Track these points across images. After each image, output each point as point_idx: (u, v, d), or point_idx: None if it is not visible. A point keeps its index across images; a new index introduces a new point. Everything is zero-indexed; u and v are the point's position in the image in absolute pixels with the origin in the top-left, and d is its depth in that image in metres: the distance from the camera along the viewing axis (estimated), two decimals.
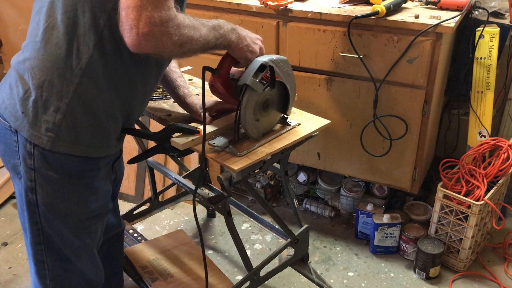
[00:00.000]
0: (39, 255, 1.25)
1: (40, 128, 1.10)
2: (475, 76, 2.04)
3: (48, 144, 1.11)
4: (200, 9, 2.09)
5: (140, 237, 2.04)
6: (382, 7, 1.75)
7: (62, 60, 1.08)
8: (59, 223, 1.22)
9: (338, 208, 2.38)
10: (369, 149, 1.99)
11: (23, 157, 1.14)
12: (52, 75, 1.09)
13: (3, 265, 2.15)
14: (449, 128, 2.40)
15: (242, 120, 1.31)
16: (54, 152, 1.12)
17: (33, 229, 1.22)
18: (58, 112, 1.10)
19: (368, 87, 1.91)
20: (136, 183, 2.55)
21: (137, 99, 1.25)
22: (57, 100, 1.09)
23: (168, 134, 1.36)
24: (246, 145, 1.37)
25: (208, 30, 1.14)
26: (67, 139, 1.12)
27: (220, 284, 1.79)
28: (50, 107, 1.09)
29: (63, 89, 1.09)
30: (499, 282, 2.02)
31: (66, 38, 1.08)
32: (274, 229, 1.92)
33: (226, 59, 1.29)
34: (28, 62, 1.11)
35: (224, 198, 1.45)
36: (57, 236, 1.23)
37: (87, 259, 1.32)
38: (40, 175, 1.15)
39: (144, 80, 1.22)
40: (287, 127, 1.47)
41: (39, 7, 1.13)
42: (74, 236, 1.25)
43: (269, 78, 1.30)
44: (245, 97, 1.29)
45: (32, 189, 1.17)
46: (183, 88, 1.50)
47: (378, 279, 2.06)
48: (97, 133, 1.16)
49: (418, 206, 2.27)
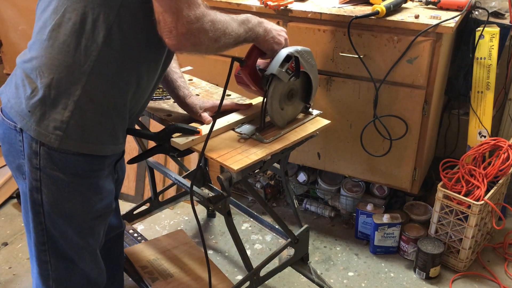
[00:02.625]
0: (43, 256, 1.25)
1: (48, 126, 1.10)
2: (475, 76, 2.04)
3: (56, 143, 1.10)
4: None
5: (140, 237, 2.04)
6: (382, 7, 1.75)
7: (71, 57, 1.08)
8: (64, 223, 1.22)
9: (338, 208, 2.38)
10: (369, 149, 1.99)
11: (29, 157, 1.14)
12: (61, 73, 1.08)
13: (3, 265, 2.15)
14: (449, 128, 2.40)
15: (269, 109, 1.37)
16: (61, 151, 1.12)
17: (38, 230, 1.22)
18: (66, 110, 1.09)
19: (368, 87, 1.91)
20: (136, 183, 2.55)
21: (143, 95, 1.25)
22: (65, 98, 1.09)
23: (168, 134, 1.36)
24: (272, 133, 1.42)
25: (238, 25, 1.20)
26: (75, 137, 1.11)
27: (220, 284, 1.79)
28: (58, 105, 1.09)
29: (71, 86, 1.09)
30: (499, 282, 2.02)
31: (74, 35, 1.08)
32: (274, 229, 1.92)
33: (253, 51, 1.34)
34: (35, 61, 1.10)
35: (223, 198, 1.45)
36: (61, 236, 1.23)
37: (90, 260, 1.32)
38: (45, 175, 1.14)
39: (150, 76, 1.22)
40: (310, 116, 1.52)
41: (45, 5, 1.13)
42: (78, 237, 1.25)
43: (294, 68, 1.36)
44: (271, 87, 1.34)
45: (38, 189, 1.16)
46: (183, 89, 1.50)
47: (378, 279, 2.06)
48: (105, 131, 1.16)
49: (418, 206, 2.27)
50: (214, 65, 2.14)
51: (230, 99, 1.64)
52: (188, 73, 1.85)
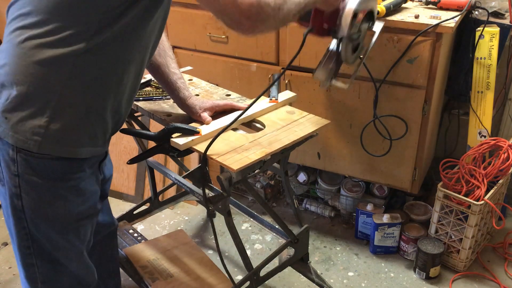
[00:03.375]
0: (28, 259, 1.23)
1: (26, 132, 1.07)
2: (475, 76, 2.04)
3: (35, 148, 1.08)
4: (200, 9, 2.09)
5: (140, 237, 2.04)
6: (382, 7, 1.75)
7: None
8: (47, 227, 1.20)
9: (338, 208, 2.38)
10: (369, 149, 1.99)
11: (6, 164, 1.12)
12: (36, 79, 1.05)
13: (3, 265, 2.15)
14: (449, 128, 2.40)
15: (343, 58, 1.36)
16: (38, 156, 1.09)
17: (21, 234, 1.20)
18: (44, 116, 1.06)
19: (368, 87, 1.91)
20: (136, 183, 2.55)
21: (124, 96, 1.21)
22: (42, 103, 1.06)
23: (168, 134, 1.36)
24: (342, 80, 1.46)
25: None
26: (53, 142, 1.09)
27: (220, 284, 1.80)
28: (36, 111, 1.06)
29: (48, 92, 1.06)
30: (499, 282, 2.02)
31: (46, 40, 1.04)
32: (274, 229, 1.92)
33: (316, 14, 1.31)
34: (8, 67, 1.06)
35: (223, 198, 1.45)
36: (46, 239, 1.21)
37: (77, 261, 1.30)
38: (24, 181, 1.12)
39: (130, 77, 1.19)
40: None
41: (16, 9, 1.08)
42: (63, 239, 1.24)
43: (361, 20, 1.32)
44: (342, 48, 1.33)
45: (17, 195, 1.14)
46: (183, 90, 1.50)
47: (378, 279, 2.06)
48: (84, 134, 1.14)
49: (418, 206, 2.27)
50: (214, 65, 2.14)
51: (230, 99, 1.65)
52: (188, 73, 1.85)
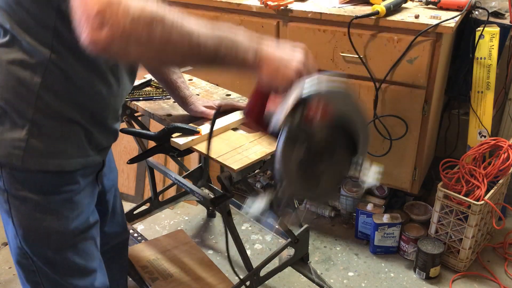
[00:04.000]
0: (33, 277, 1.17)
1: (7, 147, 1.02)
2: (475, 76, 2.04)
3: (18, 162, 1.03)
4: (200, 9, 2.09)
5: (140, 237, 2.04)
6: (382, 7, 1.75)
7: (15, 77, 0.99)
8: (41, 246, 1.13)
9: (338, 208, 2.38)
10: (369, 149, 1.99)
11: None
12: (9, 93, 1.00)
13: (3, 265, 2.15)
14: (449, 128, 2.40)
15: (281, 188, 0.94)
16: (24, 170, 1.04)
17: (19, 252, 1.14)
18: (24, 128, 1.01)
19: (368, 87, 1.91)
20: (136, 183, 2.55)
21: (108, 108, 1.13)
22: (19, 116, 1.01)
23: (168, 134, 1.35)
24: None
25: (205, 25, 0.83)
26: (37, 155, 1.04)
27: (220, 284, 1.80)
28: (14, 124, 1.01)
29: (22, 105, 1.00)
30: (499, 282, 2.02)
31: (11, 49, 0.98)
32: (274, 229, 1.92)
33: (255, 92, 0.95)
34: None
35: (227, 198, 1.44)
36: (42, 260, 1.14)
37: (81, 278, 1.22)
38: (12, 197, 1.07)
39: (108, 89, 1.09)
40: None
41: None
42: (60, 257, 1.16)
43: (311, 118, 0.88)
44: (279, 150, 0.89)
45: (8, 211, 1.09)
46: (184, 89, 1.50)
47: (378, 279, 2.06)
48: (70, 145, 1.07)
49: (418, 206, 2.27)
50: None
51: (230, 99, 1.65)
52: (188, 73, 1.85)
